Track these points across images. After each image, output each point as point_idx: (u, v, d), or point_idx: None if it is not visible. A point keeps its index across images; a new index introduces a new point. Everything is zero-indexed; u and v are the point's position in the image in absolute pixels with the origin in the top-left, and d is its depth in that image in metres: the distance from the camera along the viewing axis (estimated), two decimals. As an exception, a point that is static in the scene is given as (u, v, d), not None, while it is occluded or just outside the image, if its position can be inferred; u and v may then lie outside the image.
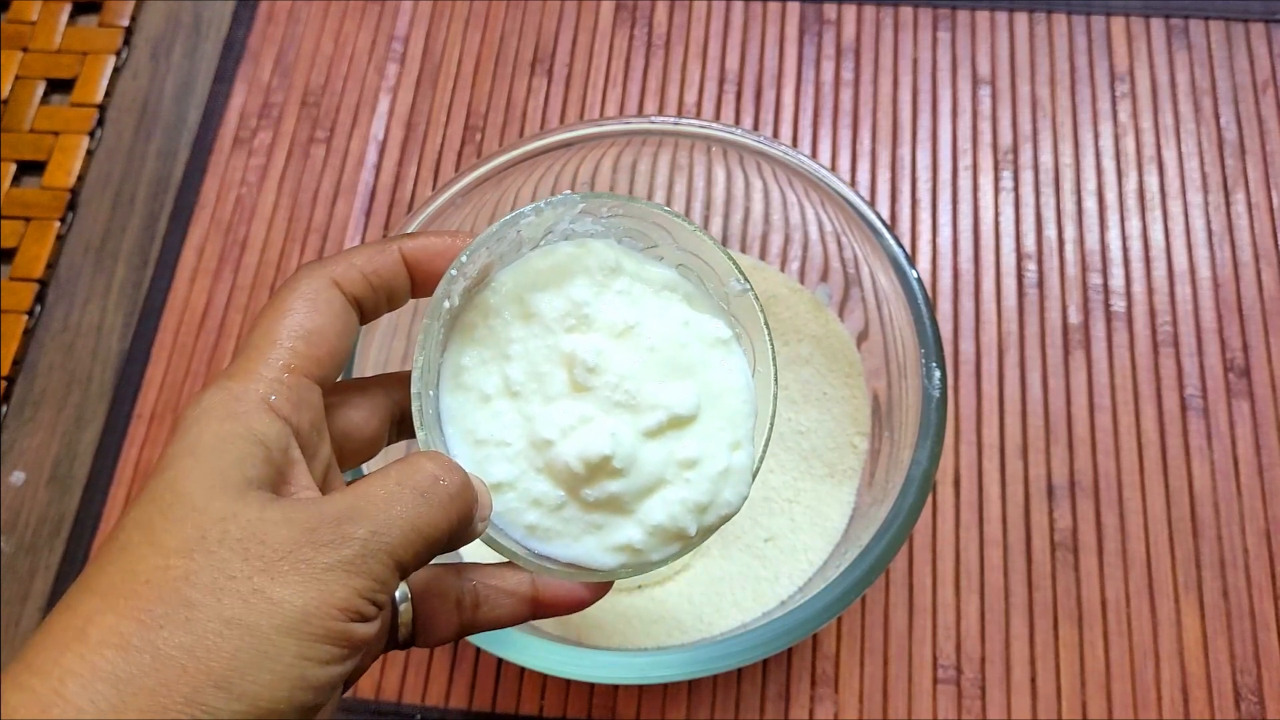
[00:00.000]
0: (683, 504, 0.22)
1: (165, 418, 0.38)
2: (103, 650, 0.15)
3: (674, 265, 0.24)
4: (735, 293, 0.24)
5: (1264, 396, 0.37)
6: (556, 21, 0.45)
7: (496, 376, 0.22)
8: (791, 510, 0.33)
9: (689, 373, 0.23)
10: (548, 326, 0.22)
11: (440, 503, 0.19)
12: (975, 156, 0.42)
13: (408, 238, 0.22)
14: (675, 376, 0.22)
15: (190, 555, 0.16)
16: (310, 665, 0.16)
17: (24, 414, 0.38)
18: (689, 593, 0.32)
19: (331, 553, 0.17)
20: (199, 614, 0.16)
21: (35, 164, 0.43)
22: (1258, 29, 0.44)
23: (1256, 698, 0.33)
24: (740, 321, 0.24)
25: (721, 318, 0.24)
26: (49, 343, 0.40)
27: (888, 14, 0.44)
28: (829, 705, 0.33)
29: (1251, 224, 0.40)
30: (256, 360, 0.19)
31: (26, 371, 0.39)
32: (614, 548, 0.22)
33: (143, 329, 0.39)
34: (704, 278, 0.24)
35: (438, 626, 0.21)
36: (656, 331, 0.23)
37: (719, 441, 0.23)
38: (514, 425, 0.22)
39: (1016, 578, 0.35)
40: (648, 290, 0.23)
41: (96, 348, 0.39)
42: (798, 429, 0.34)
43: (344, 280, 0.20)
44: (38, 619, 0.35)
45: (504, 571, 0.22)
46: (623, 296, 0.23)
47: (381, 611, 0.18)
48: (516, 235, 0.22)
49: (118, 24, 0.46)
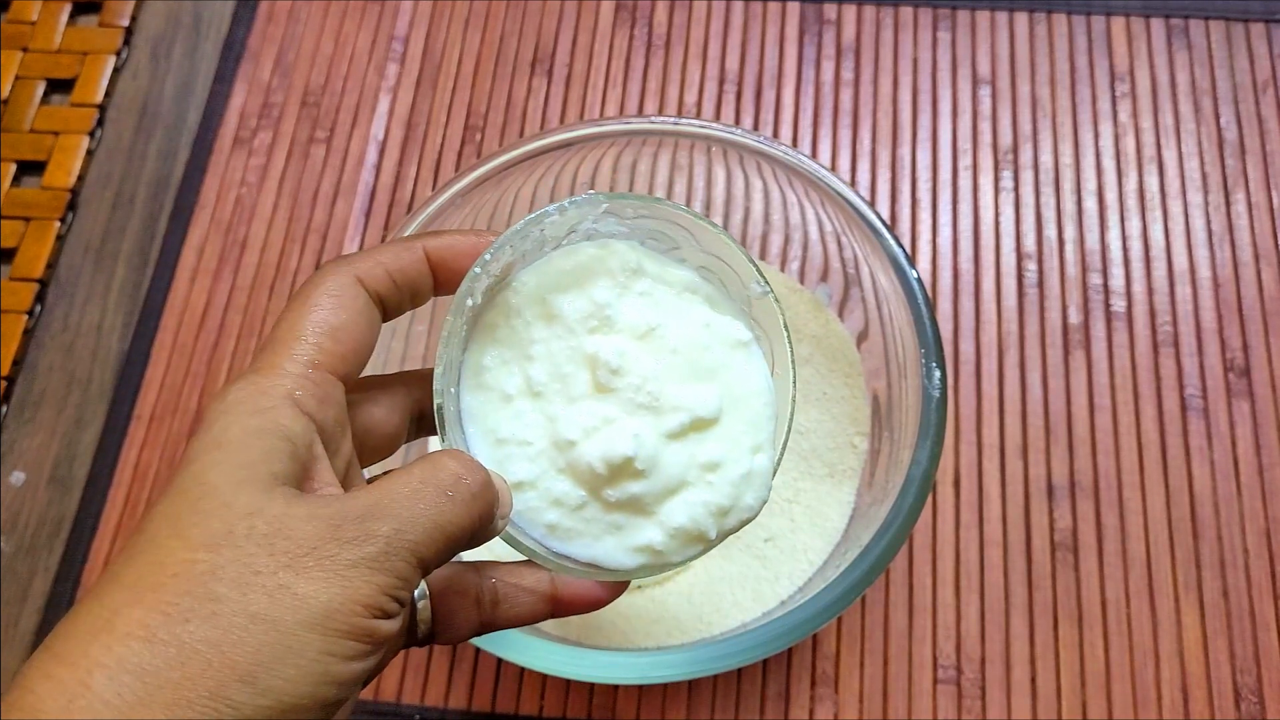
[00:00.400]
0: (704, 506, 0.22)
1: (165, 418, 0.38)
2: (129, 642, 0.15)
3: (695, 267, 0.24)
4: (756, 295, 0.24)
5: (1264, 396, 0.37)
6: (556, 21, 0.45)
7: (518, 376, 0.22)
8: (791, 510, 0.33)
9: (711, 375, 0.23)
10: (570, 328, 0.22)
11: (463, 500, 0.19)
12: (975, 156, 0.42)
13: (432, 236, 0.22)
14: (697, 379, 0.22)
15: (216, 549, 0.16)
16: (334, 661, 0.16)
17: (24, 414, 0.38)
18: (689, 593, 0.32)
19: (356, 549, 0.17)
20: (224, 608, 0.16)
21: (35, 164, 0.43)
22: (1258, 29, 0.44)
23: (1256, 698, 0.33)
24: (760, 324, 0.24)
25: (742, 320, 0.24)
26: (49, 343, 0.40)
27: (888, 14, 0.44)
28: (829, 705, 0.33)
29: (1251, 224, 0.40)
30: (282, 355, 0.19)
31: (26, 372, 0.39)
32: (634, 548, 0.22)
33: (142, 329, 0.39)
34: (725, 280, 0.24)
35: (457, 623, 0.21)
36: (678, 333, 0.23)
37: (741, 445, 0.23)
38: (536, 425, 0.22)
39: (1016, 578, 0.35)
40: (670, 292, 0.23)
41: (96, 348, 0.39)
42: (798, 429, 0.34)
43: (368, 277, 0.21)
44: (37, 620, 0.35)
45: (523, 569, 0.22)
46: (645, 298, 0.23)
47: (404, 608, 0.18)
48: (540, 234, 0.22)
49: (118, 24, 0.46)
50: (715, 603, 0.32)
